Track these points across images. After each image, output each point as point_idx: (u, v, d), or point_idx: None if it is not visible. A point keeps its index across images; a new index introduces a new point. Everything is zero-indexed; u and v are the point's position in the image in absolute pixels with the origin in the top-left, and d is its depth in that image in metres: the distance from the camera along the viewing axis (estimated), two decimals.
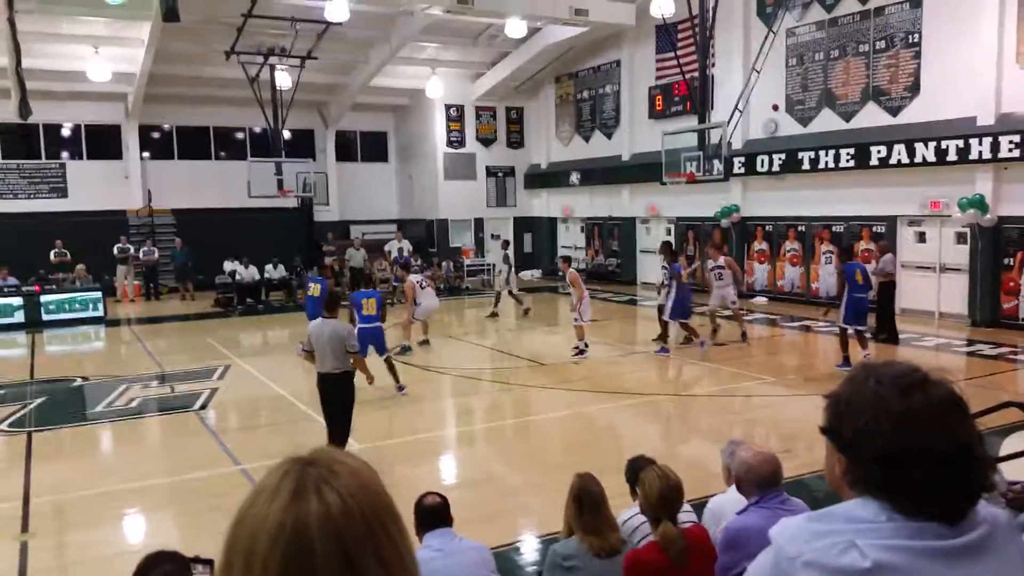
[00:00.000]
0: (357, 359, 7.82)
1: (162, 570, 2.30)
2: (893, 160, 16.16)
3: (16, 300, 18.40)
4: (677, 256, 14.41)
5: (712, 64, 18.68)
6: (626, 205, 24.25)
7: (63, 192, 24.24)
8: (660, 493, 3.61)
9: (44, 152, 24.32)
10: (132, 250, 22.54)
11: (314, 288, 14.25)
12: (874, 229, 17.01)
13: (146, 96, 23.16)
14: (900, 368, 1.36)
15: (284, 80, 22.89)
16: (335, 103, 26.91)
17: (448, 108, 26.97)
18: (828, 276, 17.77)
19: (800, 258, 18.96)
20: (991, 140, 14.52)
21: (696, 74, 17.51)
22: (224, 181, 24.64)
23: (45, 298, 18.65)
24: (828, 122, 17.96)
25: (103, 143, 24.81)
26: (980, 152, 14.71)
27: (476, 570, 3.92)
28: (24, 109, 16.00)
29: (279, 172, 22.20)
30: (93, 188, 24.09)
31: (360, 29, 21.83)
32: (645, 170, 21.17)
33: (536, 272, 26.97)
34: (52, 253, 21.33)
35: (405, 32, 21.88)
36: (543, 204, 28.13)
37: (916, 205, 16.23)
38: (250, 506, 1.02)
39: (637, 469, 4.04)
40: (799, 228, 18.95)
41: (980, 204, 14.77)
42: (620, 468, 4.52)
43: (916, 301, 16.49)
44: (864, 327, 11.92)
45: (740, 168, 19.32)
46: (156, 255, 22.86)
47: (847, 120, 17.60)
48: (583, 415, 10.07)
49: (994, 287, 15.13)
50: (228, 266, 21.86)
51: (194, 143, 26.15)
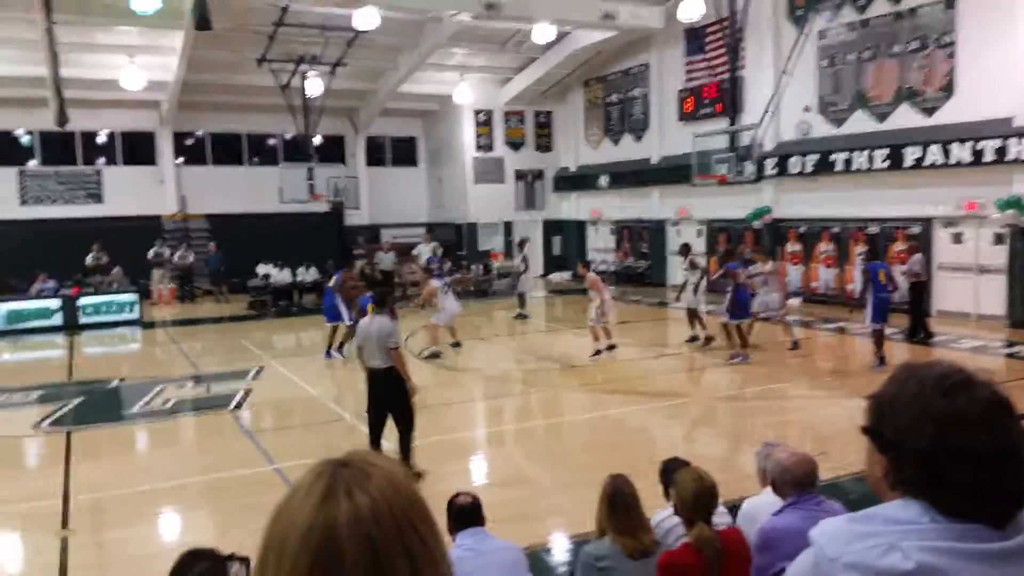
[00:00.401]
0: (398, 357, 7.78)
1: (198, 568, 2.30)
2: (928, 161, 15.91)
3: (54, 303, 18.76)
4: (732, 255, 14.11)
5: (742, 66, 18.60)
6: (656, 207, 24.13)
7: (99, 198, 24.66)
8: (695, 494, 3.59)
9: (81, 159, 24.77)
10: (167, 254, 22.89)
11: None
12: (909, 231, 16.77)
13: (180, 103, 23.51)
14: (943, 368, 1.34)
15: (315, 87, 23.10)
16: (365, 109, 27.11)
17: (477, 113, 27.06)
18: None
19: (835, 260, 18.74)
20: None
21: (726, 76, 17.42)
22: (256, 186, 24.91)
23: (82, 301, 18.99)
24: (861, 123, 17.74)
25: (138, 149, 25.22)
26: (1019, 152, 14.45)
27: (509, 570, 3.92)
28: (62, 117, 16.34)
29: (310, 177, 22.42)
30: (128, 194, 24.48)
31: (389, 36, 21.96)
32: (674, 172, 21.08)
33: (566, 274, 26.93)
34: (89, 257, 21.72)
35: (434, 39, 21.99)
36: (572, 207, 28.09)
37: (952, 206, 15.97)
38: (285, 505, 1.04)
39: (671, 470, 4.02)
40: (833, 230, 18.73)
41: (1018, 204, 14.51)
42: (651, 470, 4.51)
43: (953, 303, 16.22)
44: (884, 323, 11.99)
45: (772, 170, 19.13)
46: (191, 259, 23.19)
47: (881, 121, 17.37)
48: (613, 417, 10.04)
49: None
50: (262, 269, 22.12)
51: (227, 149, 26.48)
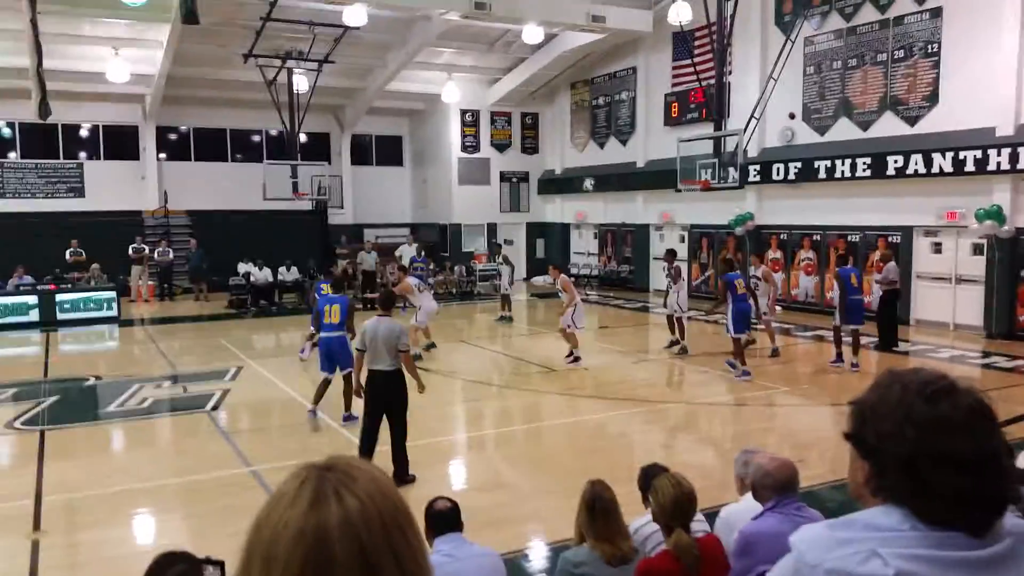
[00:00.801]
0: (407, 360, 7.72)
1: (173, 571, 2.28)
2: (910, 170, 16.05)
3: (32, 299, 18.54)
4: (734, 265, 13.26)
5: (729, 72, 18.64)
6: (640, 212, 24.20)
7: (80, 192, 24.44)
8: (674, 501, 3.58)
9: (62, 152, 24.55)
10: (147, 250, 22.69)
11: (325, 287, 14.49)
12: (890, 239, 16.90)
13: (164, 98, 23.34)
14: (926, 375, 1.33)
15: (301, 83, 23.02)
16: (351, 107, 27.02)
17: (464, 113, 27.05)
18: None
19: (815, 267, 18.85)
20: (1010, 151, 14.40)
21: (712, 81, 17.48)
22: (240, 183, 24.77)
23: (60, 297, 18.78)
24: (845, 131, 17.88)
25: (121, 144, 25.02)
26: (999, 163, 14.59)
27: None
28: (44, 109, 16.13)
29: (294, 175, 22.34)
30: (110, 188, 24.29)
31: (378, 33, 21.92)
32: (659, 177, 21.14)
33: (548, 278, 26.95)
34: (68, 252, 21.48)
35: (422, 37, 21.95)
36: (557, 210, 28.12)
37: (932, 215, 16.12)
38: (269, 512, 1.03)
39: (650, 476, 4.00)
40: (814, 237, 18.85)
41: (997, 215, 14.66)
42: (631, 476, 4.49)
43: (932, 312, 16.37)
44: (861, 325, 12.64)
45: (755, 176, 19.24)
46: (171, 256, 23.00)
47: (864, 129, 17.50)
48: (594, 422, 10.03)
49: (1010, 299, 15.01)
50: (242, 268, 21.95)
51: (211, 145, 26.32)
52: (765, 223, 19.91)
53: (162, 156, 25.55)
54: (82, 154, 24.88)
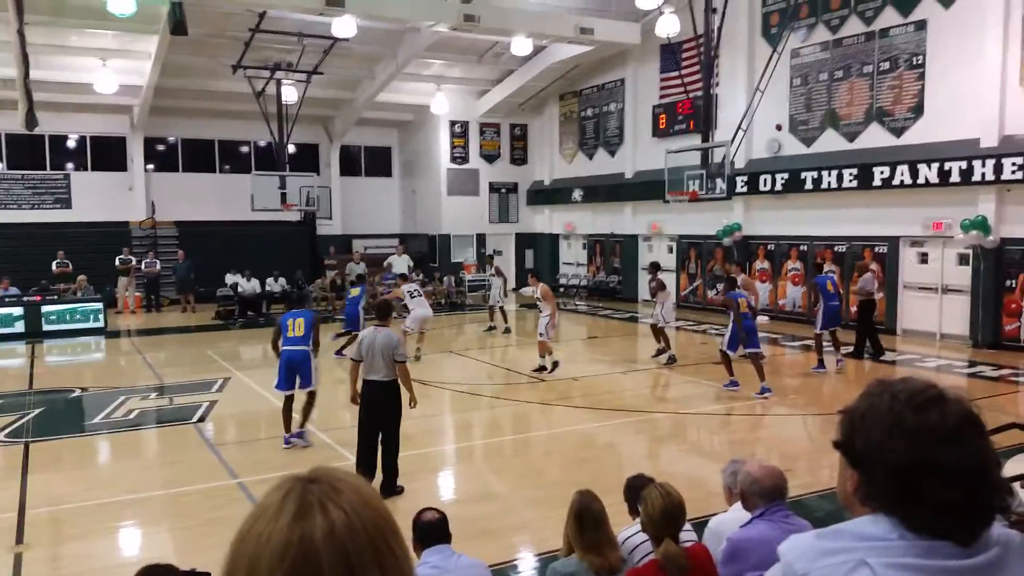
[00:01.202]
0: (403, 371, 7.69)
1: None
2: (896, 181, 16.17)
3: (17, 310, 18.39)
4: (736, 284, 12.87)
5: (716, 83, 18.79)
6: (628, 222, 24.27)
7: (67, 203, 24.32)
8: (663, 511, 3.57)
9: (49, 163, 24.43)
10: (134, 261, 22.56)
11: (353, 291, 15.22)
12: (876, 249, 17.01)
13: (152, 108, 23.28)
14: (916, 384, 1.34)
15: (290, 95, 23.02)
16: (340, 118, 27.03)
17: (452, 124, 27.11)
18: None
19: (802, 277, 18.94)
20: (994, 162, 14.54)
21: (700, 93, 17.59)
22: (228, 194, 24.71)
23: (46, 308, 18.63)
24: (831, 142, 18.00)
25: (108, 155, 24.93)
26: (983, 174, 14.73)
27: None
28: (31, 120, 16.04)
29: (283, 186, 22.29)
30: (97, 199, 24.19)
31: (367, 45, 21.95)
32: (648, 188, 21.22)
33: (536, 289, 26.97)
34: (54, 264, 21.33)
35: (411, 49, 22.00)
36: (545, 220, 28.17)
37: (918, 226, 16.23)
38: (253, 524, 1.02)
39: (636, 487, 4.00)
40: (801, 247, 18.94)
41: (983, 225, 14.78)
42: (619, 486, 4.49)
43: (918, 322, 16.46)
44: (838, 326, 13.46)
45: (743, 187, 19.35)
46: (158, 267, 22.87)
47: (850, 140, 17.63)
48: (582, 432, 10.02)
49: (996, 308, 15.11)
50: (230, 279, 21.86)
51: (199, 156, 26.26)
52: (752, 233, 20.00)
53: (150, 167, 25.47)
54: (69, 165, 24.78)
